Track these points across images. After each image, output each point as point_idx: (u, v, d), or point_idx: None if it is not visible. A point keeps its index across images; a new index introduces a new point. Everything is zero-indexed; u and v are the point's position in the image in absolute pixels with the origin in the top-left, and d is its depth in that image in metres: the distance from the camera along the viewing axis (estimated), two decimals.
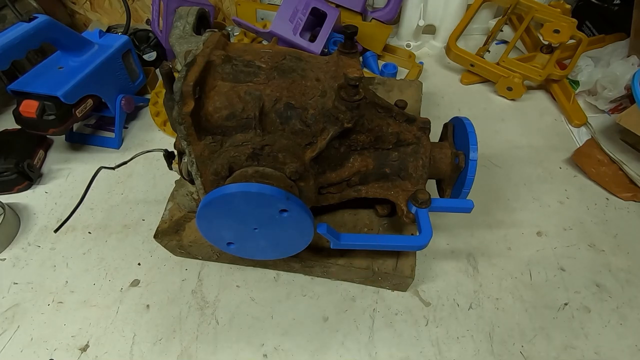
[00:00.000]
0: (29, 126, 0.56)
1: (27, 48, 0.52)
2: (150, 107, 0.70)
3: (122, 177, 0.61)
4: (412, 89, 0.64)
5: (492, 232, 0.53)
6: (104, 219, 0.55)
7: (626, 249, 0.51)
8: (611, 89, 0.64)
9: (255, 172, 0.35)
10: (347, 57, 0.38)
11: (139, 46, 0.75)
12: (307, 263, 0.45)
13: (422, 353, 0.42)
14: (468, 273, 0.49)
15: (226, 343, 0.43)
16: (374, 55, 0.78)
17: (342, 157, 0.40)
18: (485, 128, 0.66)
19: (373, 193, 0.42)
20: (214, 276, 0.49)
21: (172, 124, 0.41)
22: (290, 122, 0.35)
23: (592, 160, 0.59)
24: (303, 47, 0.68)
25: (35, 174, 0.60)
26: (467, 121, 0.42)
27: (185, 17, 0.71)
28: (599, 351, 0.42)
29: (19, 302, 0.47)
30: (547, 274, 0.48)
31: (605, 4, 0.79)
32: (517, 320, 0.45)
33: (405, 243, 0.39)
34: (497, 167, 0.61)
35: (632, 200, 0.56)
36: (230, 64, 0.35)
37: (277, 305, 0.46)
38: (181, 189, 0.45)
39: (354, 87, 0.33)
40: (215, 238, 0.36)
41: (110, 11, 0.90)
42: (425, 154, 0.41)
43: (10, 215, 0.54)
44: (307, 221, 0.33)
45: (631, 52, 0.68)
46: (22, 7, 0.72)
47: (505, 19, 0.76)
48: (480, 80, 0.75)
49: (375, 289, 0.47)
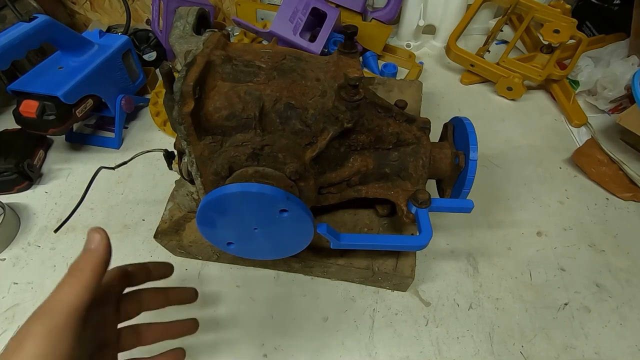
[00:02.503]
0: (29, 126, 0.56)
1: (27, 48, 0.52)
2: (150, 107, 0.70)
3: (122, 177, 0.61)
4: (412, 89, 0.64)
5: (492, 232, 0.53)
6: (104, 219, 0.55)
7: (626, 249, 0.51)
8: (611, 89, 0.64)
9: (255, 172, 0.35)
10: (347, 57, 0.38)
11: (139, 46, 0.75)
12: (307, 263, 0.45)
13: (422, 353, 0.42)
14: (468, 273, 0.49)
15: (226, 343, 0.43)
16: (374, 55, 0.78)
17: (342, 157, 0.40)
18: (485, 128, 0.66)
19: (373, 193, 0.42)
20: (214, 276, 0.49)
21: (172, 124, 0.41)
22: (290, 122, 0.35)
23: (592, 160, 0.59)
24: (303, 47, 0.68)
25: (35, 174, 0.60)
26: (467, 121, 0.42)
27: (185, 17, 0.71)
28: (599, 351, 0.42)
29: (19, 302, 0.47)
30: (547, 274, 0.48)
31: (605, 4, 0.79)
32: (517, 320, 0.45)
33: (405, 243, 0.39)
34: (497, 167, 0.61)
35: (632, 200, 0.56)
36: (230, 64, 0.35)
37: (277, 305, 0.46)
38: (181, 189, 0.45)
39: (354, 87, 0.33)
40: (215, 238, 0.36)
41: (110, 11, 0.90)
42: (425, 154, 0.41)
43: (10, 215, 0.54)
44: (307, 221, 0.33)
45: (631, 52, 0.68)
46: (22, 7, 0.72)
47: (505, 19, 0.76)
48: (480, 80, 0.75)
49: (375, 289, 0.47)
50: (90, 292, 0.24)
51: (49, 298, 0.23)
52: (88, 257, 0.25)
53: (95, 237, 0.26)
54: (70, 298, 0.23)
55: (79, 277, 0.24)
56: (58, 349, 0.21)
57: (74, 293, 0.23)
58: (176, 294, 0.34)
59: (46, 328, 0.22)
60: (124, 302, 0.31)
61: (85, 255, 0.25)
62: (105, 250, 0.25)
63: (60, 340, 0.22)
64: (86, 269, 0.24)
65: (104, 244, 0.26)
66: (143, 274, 0.32)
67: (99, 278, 0.25)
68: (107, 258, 0.26)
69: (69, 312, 0.22)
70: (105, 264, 0.25)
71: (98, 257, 0.25)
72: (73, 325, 0.22)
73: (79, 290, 0.23)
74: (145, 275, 0.32)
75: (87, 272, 0.24)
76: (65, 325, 0.22)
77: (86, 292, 0.24)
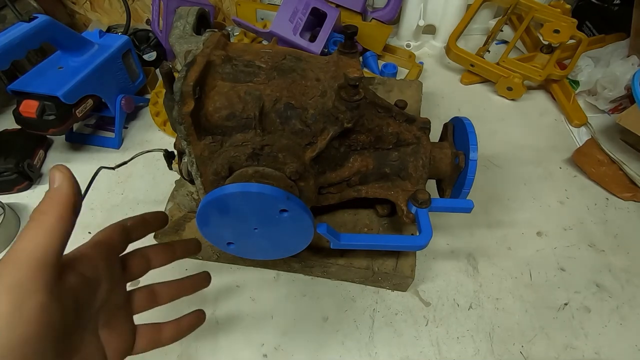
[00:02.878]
0: (29, 126, 0.56)
1: (27, 48, 0.52)
2: (150, 107, 0.70)
3: (122, 177, 0.61)
4: (412, 89, 0.64)
5: (492, 232, 0.53)
6: (104, 219, 0.55)
7: (626, 249, 0.51)
8: (611, 89, 0.64)
9: (255, 172, 0.35)
10: (347, 57, 0.38)
11: (139, 46, 0.75)
12: (307, 263, 0.45)
13: (422, 353, 0.42)
14: (468, 273, 0.49)
15: (226, 343, 0.43)
16: (374, 55, 0.78)
17: (342, 157, 0.40)
18: (485, 128, 0.66)
19: (373, 193, 0.42)
20: (214, 276, 0.49)
21: (172, 124, 0.41)
22: (290, 122, 0.35)
23: (592, 160, 0.59)
24: (303, 47, 0.68)
25: (35, 174, 0.60)
26: (467, 121, 0.42)
27: (185, 17, 0.71)
28: (599, 351, 0.42)
29: None
30: (547, 274, 0.48)
31: (605, 4, 0.79)
32: (517, 320, 0.45)
33: (405, 243, 0.39)
34: (497, 167, 0.61)
35: (632, 200, 0.56)
36: (230, 64, 0.35)
37: (277, 305, 0.46)
38: (181, 189, 0.45)
39: (354, 87, 0.33)
40: (215, 238, 0.36)
41: (110, 11, 0.90)
42: (425, 154, 0.41)
43: (10, 215, 0.54)
44: (307, 221, 0.33)
45: (631, 52, 0.68)
46: (22, 7, 0.72)
47: (505, 19, 0.76)
48: (480, 80, 0.75)
49: (375, 289, 0.47)
50: (58, 237, 0.21)
51: (11, 249, 0.20)
52: (51, 198, 0.22)
53: (56, 176, 0.22)
54: (34, 245, 0.20)
55: (42, 221, 0.21)
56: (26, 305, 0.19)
57: (37, 241, 0.20)
58: (182, 247, 0.33)
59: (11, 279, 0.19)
60: (129, 260, 0.29)
61: (47, 196, 0.22)
62: (70, 189, 0.22)
63: (27, 296, 0.19)
64: (49, 211, 0.21)
65: (67, 181, 0.22)
66: (141, 226, 0.30)
67: (67, 221, 0.22)
68: (73, 198, 0.22)
69: (34, 261, 0.19)
70: (73, 205, 0.22)
71: (62, 196, 0.22)
72: (42, 277, 0.19)
73: (44, 236, 0.20)
74: (143, 228, 0.31)
75: (51, 215, 0.21)
76: (31, 277, 0.19)
77: (53, 238, 0.21)
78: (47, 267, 0.20)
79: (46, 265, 0.20)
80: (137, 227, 0.30)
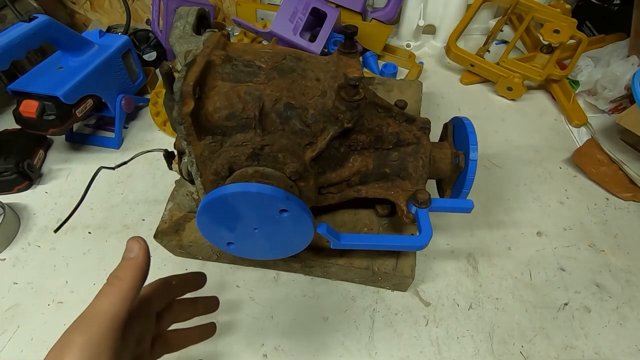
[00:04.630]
0: (29, 126, 0.56)
1: (27, 48, 0.52)
2: (150, 107, 0.70)
3: (122, 177, 0.61)
4: (412, 89, 0.64)
5: (492, 232, 0.53)
6: (104, 219, 0.55)
7: (626, 249, 0.51)
8: (611, 89, 0.64)
9: (255, 172, 0.35)
10: (347, 57, 0.38)
11: (139, 46, 0.75)
12: (307, 263, 0.45)
13: (422, 353, 0.42)
14: (468, 273, 0.49)
15: (226, 343, 0.43)
16: (374, 55, 0.78)
17: (342, 157, 0.40)
18: (485, 128, 0.66)
19: (373, 193, 0.42)
20: (214, 276, 0.49)
21: (172, 124, 0.41)
22: (290, 122, 0.35)
23: (592, 160, 0.59)
24: (303, 47, 0.68)
25: (35, 174, 0.60)
26: (467, 121, 0.42)
27: (185, 17, 0.71)
28: (599, 351, 0.42)
29: (19, 302, 0.47)
30: (547, 274, 0.48)
31: (605, 4, 0.79)
32: (517, 320, 0.45)
33: (405, 243, 0.39)
34: (497, 167, 0.61)
35: (632, 200, 0.56)
36: (230, 64, 0.35)
37: (277, 305, 0.46)
38: (181, 189, 0.45)
39: (354, 87, 0.33)
40: (215, 238, 0.35)
41: (110, 11, 0.90)
42: (425, 154, 0.41)
43: (10, 215, 0.54)
44: (307, 221, 0.33)
45: (631, 52, 0.68)
46: (22, 7, 0.72)
47: (505, 19, 0.76)
48: (480, 80, 0.75)
49: (375, 289, 0.47)
50: (129, 301, 0.23)
51: (89, 308, 0.23)
52: (127, 266, 0.24)
53: (134, 246, 0.25)
54: (109, 307, 0.23)
55: (118, 287, 0.23)
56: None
57: (113, 302, 0.23)
58: (204, 305, 0.35)
59: (86, 338, 0.21)
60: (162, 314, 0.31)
61: (124, 264, 0.25)
62: (145, 260, 0.25)
63: (100, 351, 0.21)
64: (125, 278, 0.24)
65: (143, 253, 0.25)
66: (183, 285, 0.32)
67: (138, 287, 0.24)
68: (146, 267, 0.25)
69: (109, 322, 0.22)
70: (145, 273, 0.25)
71: (137, 266, 0.25)
72: (112, 335, 0.22)
73: (118, 299, 0.23)
74: (184, 287, 0.33)
75: (126, 281, 0.24)
76: (104, 335, 0.22)
77: (125, 302, 0.23)
78: (118, 327, 0.22)
79: (117, 325, 0.22)
80: (179, 286, 0.32)
